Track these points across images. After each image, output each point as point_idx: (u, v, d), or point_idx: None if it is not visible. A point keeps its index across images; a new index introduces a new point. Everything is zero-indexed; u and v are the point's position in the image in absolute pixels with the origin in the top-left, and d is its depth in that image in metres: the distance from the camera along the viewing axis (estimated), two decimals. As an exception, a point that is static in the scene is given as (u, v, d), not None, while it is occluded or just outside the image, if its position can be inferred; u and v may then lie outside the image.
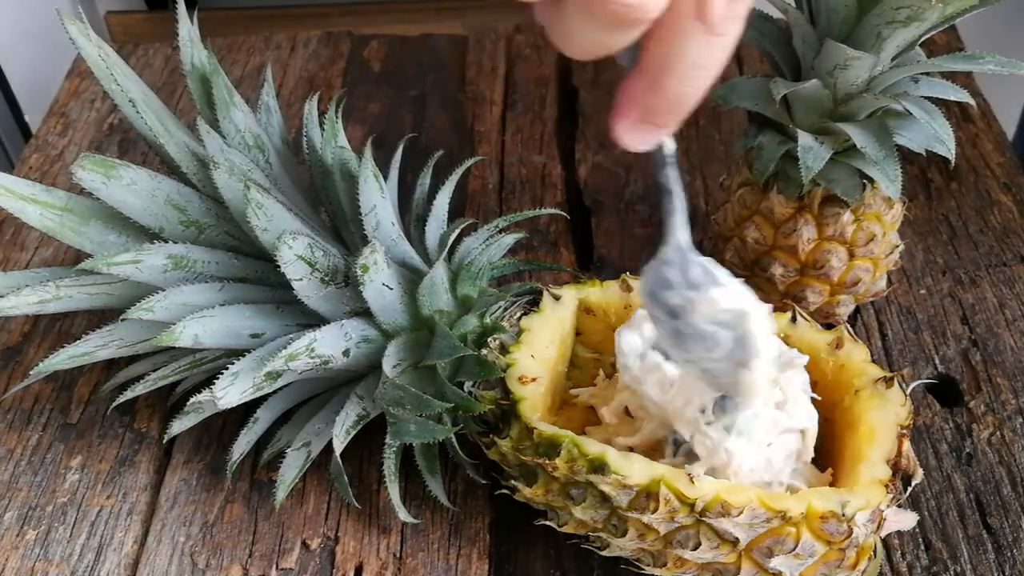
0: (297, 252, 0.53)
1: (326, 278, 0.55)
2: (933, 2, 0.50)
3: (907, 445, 0.52)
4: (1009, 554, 0.57)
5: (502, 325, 0.56)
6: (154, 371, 0.60)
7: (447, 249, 0.59)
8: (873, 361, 0.55)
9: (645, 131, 0.39)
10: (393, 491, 0.57)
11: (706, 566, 0.51)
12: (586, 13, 0.34)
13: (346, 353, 0.56)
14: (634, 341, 0.52)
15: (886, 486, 0.50)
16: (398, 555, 0.58)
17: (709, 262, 0.45)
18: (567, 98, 0.90)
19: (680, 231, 0.44)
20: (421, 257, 0.61)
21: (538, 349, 0.56)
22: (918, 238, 0.75)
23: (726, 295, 0.45)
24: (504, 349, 0.56)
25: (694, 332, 0.46)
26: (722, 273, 0.45)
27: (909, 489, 0.52)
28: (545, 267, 0.68)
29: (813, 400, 0.53)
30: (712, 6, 0.35)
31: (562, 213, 0.70)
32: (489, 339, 0.56)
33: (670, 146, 0.42)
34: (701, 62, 0.36)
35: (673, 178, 0.43)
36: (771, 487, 0.51)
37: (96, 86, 0.91)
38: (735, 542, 0.49)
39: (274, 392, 0.59)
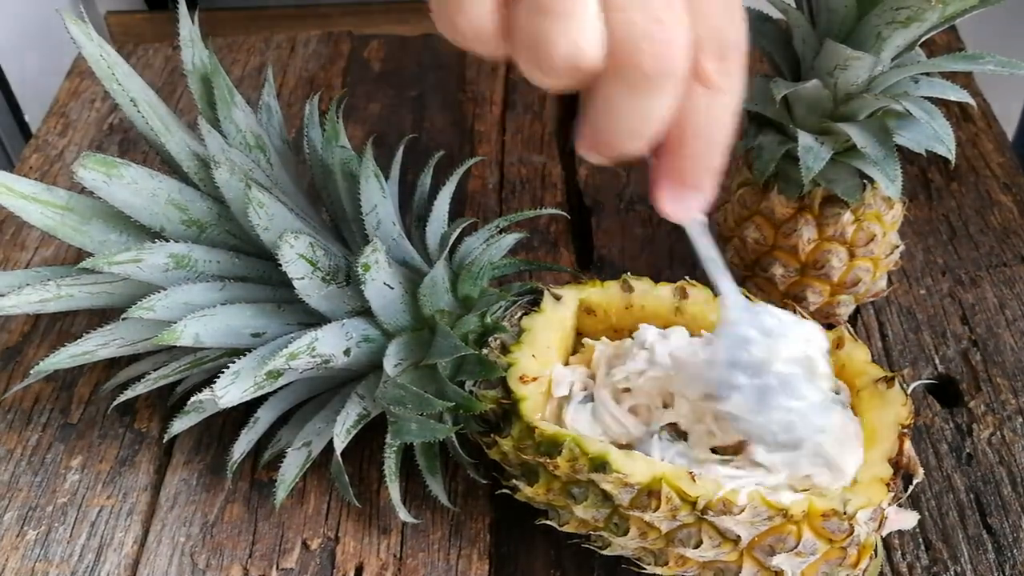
0: (298, 251, 0.53)
1: (327, 277, 0.55)
2: (933, 2, 0.50)
3: (908, 445, 0.52)
4: (1009, 554, 0.57)
5: (503, 325, 0.57)
6: (155, 370, 0.59)
7: (448, 249, 0.59)
8: (873, 361, 0.55)
9: (682, 195, 0.41)
10: (393, 491, 0.57)
11: (708, 565, 0.51)
12: (623, 84, 0.36)
13: (347, 352, 0.56)
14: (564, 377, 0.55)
15: (887, 484, 0.50)
16: (398, 555, 0.58)
17: (772, 307, 0.48)
18: (567, 98, 0.90)
19: (735, 292, 0.47)
20: (422, 257, 0.61)
21: (539, 349, 0.56)
22: (918, 238, 0.75)
23: (802, 330, 0.48)
24: (505, 349, 0.56)
25: (779, 382, 0.48)
26: (781, 311, 0.48)
27: (910, 489, 0.52)
28: (545, 267, 0.68)
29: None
30: (704, 66, 0.37)
31: (562, 213, 0.70)
32: (490, 339, 0.56)
33: (700, 217, 0.44)
34: (712, 116, 0.39)
35: (711, 245, 0.45)
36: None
37: (96, 86, 0.91)
38: (737, 540, 0.49)
39: (275, 391, 0.59)
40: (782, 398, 0.48)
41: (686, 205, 0.41)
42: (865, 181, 0.60)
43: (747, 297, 0.51)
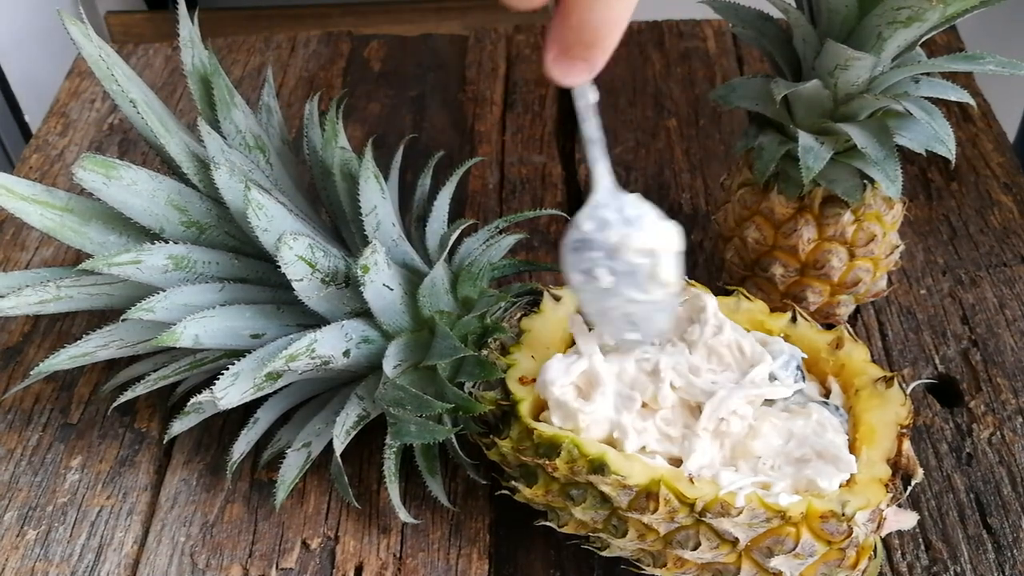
0: (298, 253, 0.53)
1: (327, 279, 0.55)
2: (934, 2, 0.50)
3: (907, 445, 0.52)
4: (1009, 554, 0.57)
5: (502, 326, 0.57)
6: (154, 371, 0.60)
7: (447, 250, 0.59)
8: (873, 361, 0.55)
9: (567, 65, 0.41)
10: (393, 491, 0.57)
11: (706, 566, 0.51)
12: None
13: (346, 353, 0.56)
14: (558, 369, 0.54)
15: (886, 485, 0.50)
16: (398, 555, 0.58)
17: (637, 197, 0.48)
18: (567, 98, 0.90)
19: (608, 176, 0.48)
20: (421, 258, 0.61)
21: (538, 350, 0.56)
22: (918, 238, 0.75)
23: (660, 228, 0.48)
24: (504, 350, 0.56)
25: (627, 269, 0.48)
26: (648, 207, 0.48)
27: (909, 489, 0.52)
28: (545, 268, 0.68)
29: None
30: None
31: (562, 213, 0.70)
32: (489, 340, 0.56)
33: (592, 96, 0.44)
34: None
35: (596, 126, 0.46)
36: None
37: (96, 86, 0.91)
38: (735, 542, 0.49)
39: (274, 392, 0.59)
40: (628, 286, 0.48)
41: (571, 73, 0.42)
42: (865, 181, 0.60)
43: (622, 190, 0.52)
